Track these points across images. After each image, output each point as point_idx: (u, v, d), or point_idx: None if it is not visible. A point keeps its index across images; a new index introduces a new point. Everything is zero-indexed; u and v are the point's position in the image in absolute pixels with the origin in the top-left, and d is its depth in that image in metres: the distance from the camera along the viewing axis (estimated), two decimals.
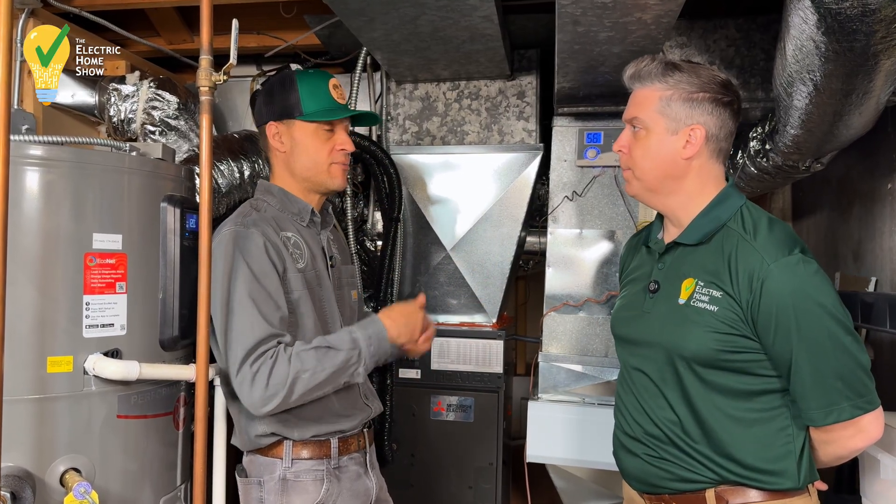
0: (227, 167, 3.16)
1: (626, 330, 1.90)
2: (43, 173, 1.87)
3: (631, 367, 1.86)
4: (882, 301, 2.21)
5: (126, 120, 3.20)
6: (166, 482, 2.16)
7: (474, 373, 3.37)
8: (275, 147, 2.12)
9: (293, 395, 1.87)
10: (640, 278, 1.91)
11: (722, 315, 1.65)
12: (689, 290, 1.72)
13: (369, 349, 1.95)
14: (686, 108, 1.74)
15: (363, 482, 2.14)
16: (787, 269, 1.60)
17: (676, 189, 1.78)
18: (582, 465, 3.09)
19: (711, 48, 2.87)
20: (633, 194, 1.86)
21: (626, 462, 1.87)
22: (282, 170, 2.14)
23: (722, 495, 1.69)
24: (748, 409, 1.68)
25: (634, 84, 1.80)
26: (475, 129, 3.46)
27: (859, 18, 1.59)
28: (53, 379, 1.88)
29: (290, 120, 2.10)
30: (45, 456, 1.87)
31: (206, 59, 1.81)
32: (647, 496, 1.84)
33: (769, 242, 1.65)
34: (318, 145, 2.10)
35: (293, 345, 1.92)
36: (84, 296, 1.91)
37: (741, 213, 1.73)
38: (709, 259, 1.71)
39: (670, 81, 1.74)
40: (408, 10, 2.46)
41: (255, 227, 1.97)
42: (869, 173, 2.92)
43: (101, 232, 1.94)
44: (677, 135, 1.74)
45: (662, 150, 1.75)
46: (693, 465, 1.71)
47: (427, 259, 3.48)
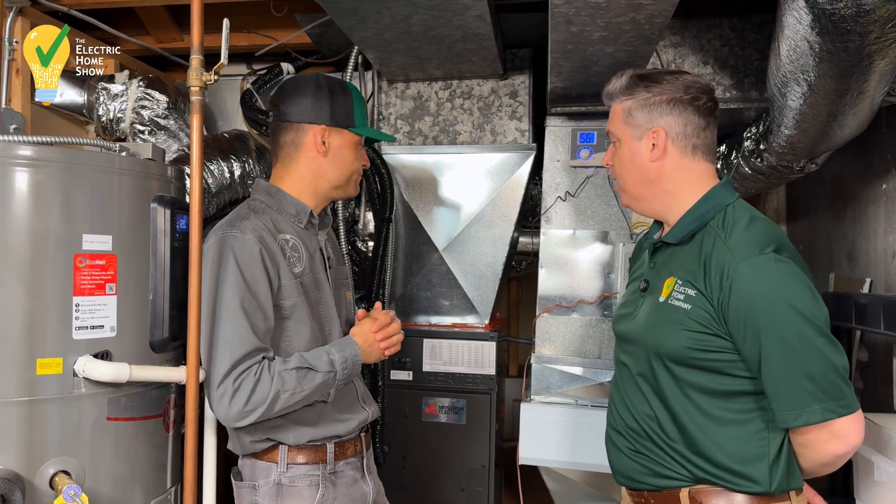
0: (216, 167, 3.15)
1: (619, 327, 1.93)
2: (32, 173, 1.86)
3: (620, 363, 1.90)
4: (876, 302, 2.20)
5: (115, 119, 3.18)
6: (156, 485, 2.15)
7: (466, 374, 3.35)
8: (314, 149, 2.07)
9: (271, 413, 1.89)
10: (639, 277, 1.94)
11: (694, 313, 1.66)
12: (668, 288, 1.74)
13: (344, 372, 1.98)
14: (645, 113, 1.79)
15: (360, 487, 2.12)
16: (757, 269, 1.60)
17: (656, 192, 1.82)
18: (575, 467, 3.08)
19: (705, 48, 2.86)
20: (626, 205, 1.94)
21: (612, 456, 1.91)
22: (307, 170, 2.09)
23: (696, 496, 1.70)
24: (723, 408, 1.68)
25: (609, 102, 1.88)
26: (467, 129, 3.45)
27: (853, 19, 1.60)
28: (43, 381, 1.87)
29: (341, 128, 2.09)
30: (35, 458, 1.86)
31: (197, 59, 1.80)
32: (629, 492, 1.87)
33: (742, 241, 1.65)
34: (354, 157, 2.13)
35: (274, 359, 1.92)
36: (74, 297, 1.90)
37: (725, 212, 1.74)
38: (688, 258, 1.74)
39: (633, 92, 1.81)
40: (400, 9, 2.45)
41: (252, 233, 1.94)
42: (863, 174, 2.92)
43: (90, 233, 1.92)
44: (642, 140, 1.80)
45: (634, 158, 1.82)
46: (668, 461, 1.73)
47: (419, 260, 3.46)
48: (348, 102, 2.09)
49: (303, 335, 2.01)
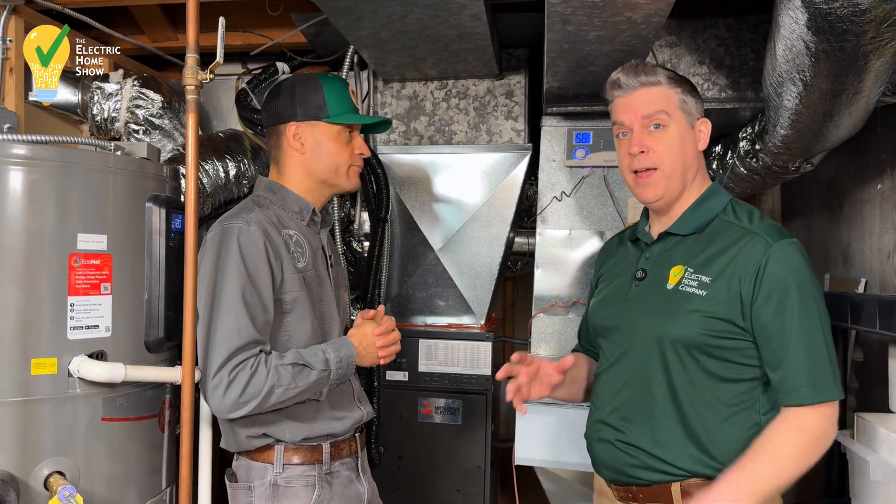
0: (212, 167, 3.14)
1: (609, 318, 1.93)
2: (26, 173, 1.86)
3: (616, 354, 1.88)
4: (871, 302, 2.20)
5: (109, 119, 3.17)
6: (151, 486, 2.15)
7: (462, 375, 3.35)
8: (292, 147, 2.10)
9: (264, 406, 1.89)
10: (624, 271, 1.95)
11: (710, 299, 1.70)
12: (677, 276, 1.78)
13: (338, 371, 1.98)
14: (696, 103, 1.85)
15: (355, 487, 2.12)
16: (790, 250, 1.69)
17: (687, 183, 1.85)
18: (571, 467, 3.08)
19: (701, 48, 2.86)
20: (656, 197, 1.85)
21: (598, 449, 1.90)
22: (296, 169, 2.12)
23: (688, 489, 1.72)
24: (725, 395, 1.72)
25: (639, 86, 1.84)
26: (463, 129, 3.44)
27: (849, 18, 1.60)
28: (37, 381, 1.87)
29: (314, 121, 2.08)
30: (30, 459, 1.86)
31: (193, 58, 1.79)
32: (615, 487, 1.86)
33: (769, 228, 1.73)
34: (340, 148, 2.11)
35: (270, 353, 1.92)
36: (68, 297, 1.89)
37: (732, 207, 1.82)
38: (700, 247, 1.78)
39: (679, 82, 1.85)
40: (396, 9, 2.44)
41: (257, 225, 1.95)
42: (858, 174, 2.92)
43: (85, 232, 1.92)
44: (693, 128, 1.85)
45: (685, 144, 1.83)
46: (663, 452, 1.74)
47: (415, 260, 3.46)
48: (318, 95, 2.09)
49: (303, 330, 2.02)
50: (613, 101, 1.90)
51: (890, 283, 2.65)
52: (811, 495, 2.56)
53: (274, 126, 2.13)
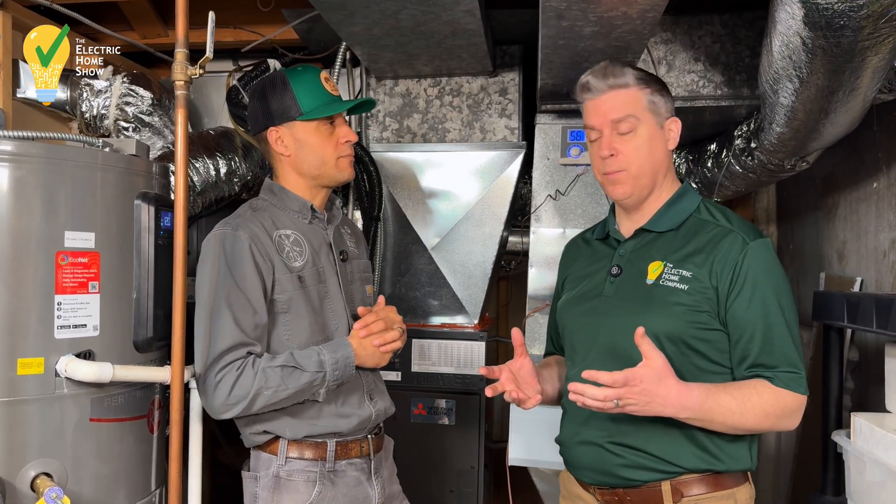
0: (202, 164, 3.12)
1: (585, 314, 1.92)
2: (13, 169, 1.84)
3: (597, 350, 1.86)
4: (868, 301, 2.19)
5: (99, 116, 3.15)
6: (140, 487, 2.14)
7: (455, 375, 3.34)
8: (278, 151, 2.09)
9: (253, 408, 1.91)
10: (597, 269, 1.96)
11: (692, 293, 1.74)
12: (656, 271, 1.81)
13: (334, 373, 1.97)
14: (665, 103, 1.87)
15: (363, 489, 2.10)
16: (765, 247, 1.76)
17: (655, 180, 1.88)
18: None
19: (696, 44, 2.84)
20: (625, 195, 1.88)
21: (580, 452, 1.87)
22: (288, 171, 2.12)
23: (678, 487, 1.73)
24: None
25: (608, 89, 1.86)
26: (457, 127, 3.42)
27: (846, 14, 1.59)
28: (24, 381, 1.85)
29: (290, 122, 2.06)
30: (16, 460, 1.85)
31: (182, 53, 1.78)
32: (599, 490, 1.84)
33: (745, 227, 1.80)
34: (323, 141, 2.09)
35: (262, 356, 1.93)
36: (55, 295, 1.88)
37: (706, 207, 1.88)
38: (679, 244, 1.82)
39: (648, 83, 1.86)
40: (389, 4, 2.43)
41: (243, 229, 1.96)
42: (854, 172, 2.91)
43: (73, 230, 1.91)
44: (662, 128, 1.87)
45: (654, 145, 1.86)
46: (658, 448, 1.74)
47: (408, 259, 3.44)
48: (288, 94, 2.05)
49: (301, 329, 2.01)
50: (584, 104, 1.91)
51: (885, 282, 2.64)
52: (807, 495, 2.55)
53: (258, 134, 2.13)
